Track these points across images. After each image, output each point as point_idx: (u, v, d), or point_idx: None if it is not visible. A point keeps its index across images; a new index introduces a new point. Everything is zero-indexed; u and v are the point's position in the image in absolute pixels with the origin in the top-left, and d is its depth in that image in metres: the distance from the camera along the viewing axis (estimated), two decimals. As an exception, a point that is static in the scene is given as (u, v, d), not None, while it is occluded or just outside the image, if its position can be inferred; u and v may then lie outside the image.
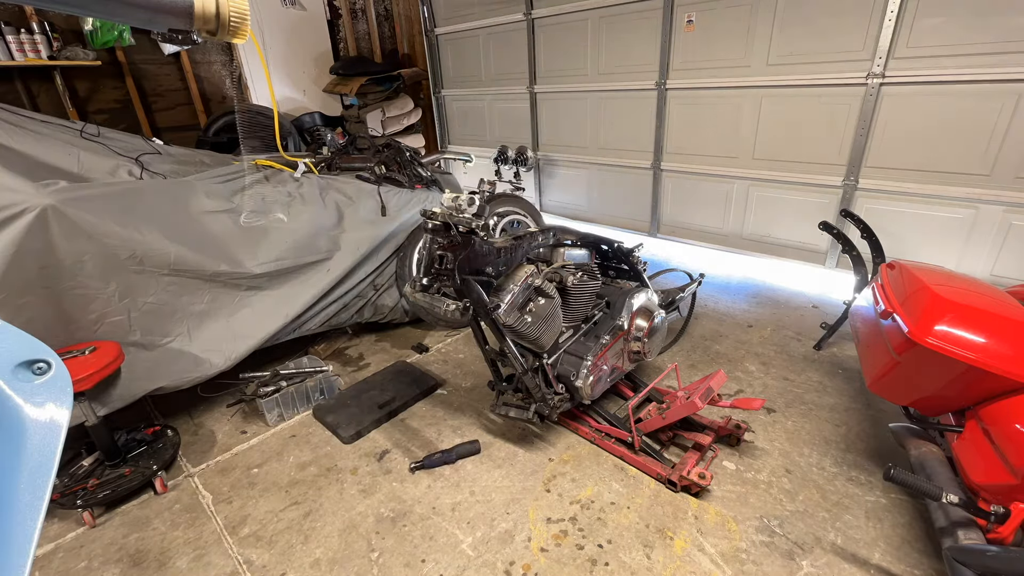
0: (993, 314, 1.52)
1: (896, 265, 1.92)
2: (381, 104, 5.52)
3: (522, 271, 1.92)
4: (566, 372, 2.09)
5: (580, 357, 2.09)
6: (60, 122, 2.88)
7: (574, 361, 2.10)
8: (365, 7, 5.81)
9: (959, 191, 2.82)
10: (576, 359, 2.10)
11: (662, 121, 3.92)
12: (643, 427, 2.12)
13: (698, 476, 1.89)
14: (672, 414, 2.03)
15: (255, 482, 2.09)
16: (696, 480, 1.87)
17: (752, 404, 2.04)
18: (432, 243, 1.83)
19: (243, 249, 2.47)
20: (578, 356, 2.10)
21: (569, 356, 2.12)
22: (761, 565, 1.64)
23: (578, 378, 2.07)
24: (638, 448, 2.08)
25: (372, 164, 3.22)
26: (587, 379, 2.07)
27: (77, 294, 2.03)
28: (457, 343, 3.10)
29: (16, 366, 0.52)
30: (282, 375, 2.53)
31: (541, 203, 5.14)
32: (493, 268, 1.89)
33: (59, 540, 1.85)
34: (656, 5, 3.65)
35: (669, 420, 2.04)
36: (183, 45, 4.45)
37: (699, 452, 2.05)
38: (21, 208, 1.88)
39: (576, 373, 2.07)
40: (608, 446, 2.14)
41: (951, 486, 1.51)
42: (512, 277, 1.91)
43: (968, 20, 2.57)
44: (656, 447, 2.12)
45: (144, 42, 4.35)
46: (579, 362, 2.08)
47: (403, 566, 1.69)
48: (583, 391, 2.08)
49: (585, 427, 2.24)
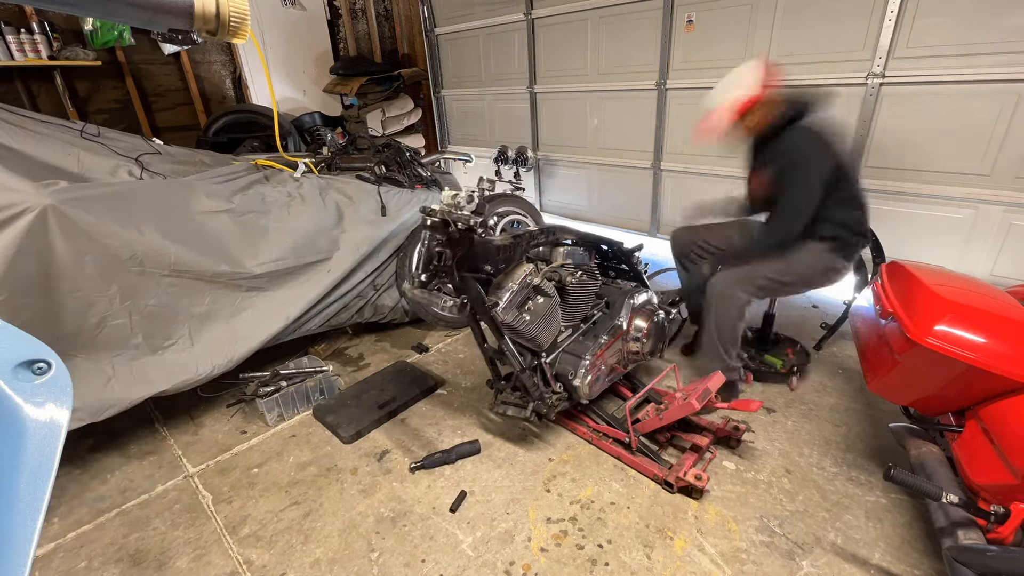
0: (993, 314, 1.52)
1: (896, 265, 1.92)
2: (381, 104, 5.52)
3: (521, 269, 1.92)
4: (564, 371, 2.09)
5: (579, 356, 2.09)
6: (60, 122, 2.87)
7: (572, 360, 2.09)
8: (365, 7, 5.81)
9: (959, 191, 2.82)
10: (575, 358, 2.09)
11: (662, 121, 3.91)
12: (640, 428, 2.11)
13: (694, 478, 1.88)
14: (669, 415, 2.02)
15: (255, 482, 2.09)
16: (692, 481, 1.86)
17: (750, 406, 2.05)
18: (431, 240, 1.82)
19: (243, 249, 2.47)
20: (576, 355, 2.10)
21: (567, 355, 2.12)
22: (761, 565, 1.64)
23: (576, 377, 2.06)
24: (635, 449, 2.08)
25: (372, 164, 3.22)
26: (585, 378, 2.06)
27: (78, 296, 2.02)
28: (457, 343, 3.10)
29: (16, 366, 0.52)
30: (282, 375, 2.53)
31: (541, 203, 5.14)
32: (492, 266, 1.89)
33: (59, 540, 1.85)
34: (656, 5, 3.65)
35: (666, 421, 2.04)
36: (183, 45, 4.46)
37: (697, 453, 2.04)
38: (21, 208, 1.88)
39: (574, 372, 2.07)
40: (605, 446, 2.14)
41: (951, 486, 1.51)
42: (511, 275, 1.91)
43: (968, 20, 2.57)
44: (654, 448, 2.12)
45: (144, 42, 4.35)
46: (577, 361, 2.08)
47: (403, 566, 1.69)
48: (581, 390, 2.08)
49: (583, 427, 2.24)
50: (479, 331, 2.08)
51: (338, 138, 4.36)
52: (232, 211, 2.49)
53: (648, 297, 2.39)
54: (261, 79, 5.08)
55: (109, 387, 2.08)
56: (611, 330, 2.19)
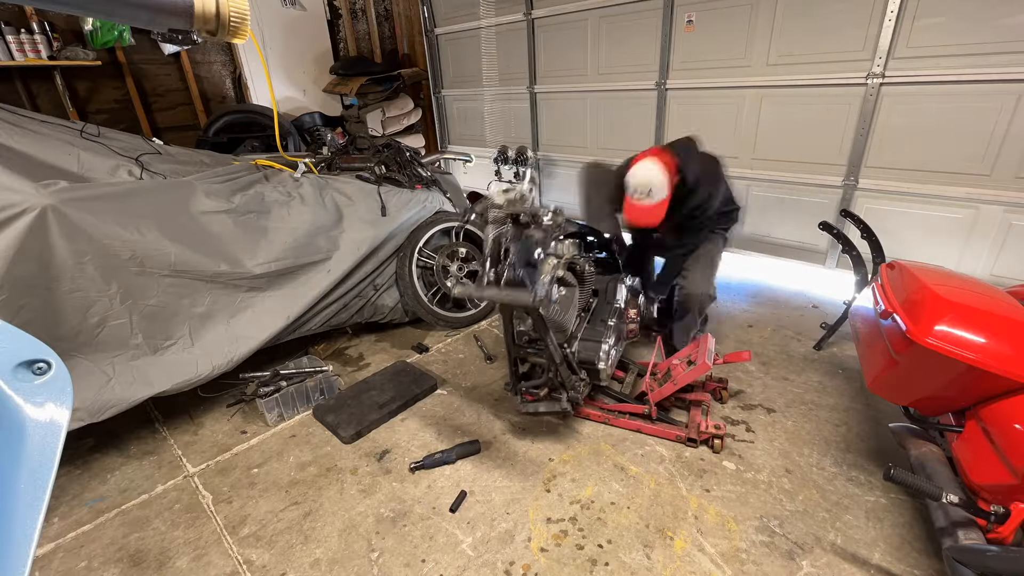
0: (993, 314, 1.52)
1: (896, 265, 1.92)
2: (381, 104, 5.52)
3: (549, 263, 1.93)
4: (588, 357, 2.21)
5: (598, 341, 2.23)
6: (60, 122, 2.88)
7: (592, 346, 2.23)
8: (365, 7, 5.81)
9: (959, 191, 2.82)
10: (595, 343, 2.23)
11: (662, 121, 3.91)
12: (655, 397, 2.22)
13: (715, 428, 2.08)
14: (684, 378, 2.17)
15: (255, 482, 2.09)
16: (714, 431, 2.06)
17: (741, 356, 2.32)
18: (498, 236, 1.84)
19: (243, 249, 2.47)
20: (595, 341, 2.24)
21: (586, 342, 2.24)
22: (761, 565, 1.64)
23: (600, 360, 2.19)
24: (655, 417, 2.21)
25: (372, 164, 3.22)
26: (608, 361, 2.22)
27: (78, 296, 2.02)
28: (457, 343, 3.10)
29: (16, 366, 0.52)
30: (282, 375, 2.53)
31: (541, 203, 5.13)
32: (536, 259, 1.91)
33: (59, 540, 1.85)
34: (656, 5, 3.65)
35: (682, 384, 2.18)
36: (183, 45, 4.46)
37: (699, 408, 2.26)
38: (21, 208, 1.88)
39: (597, 356, 2.20)
40: (623, 423, 2.26)
41: (951, 486, 1.51)
42: (540, 269, 1.92)
43: (968, 20, 2.57)
44: (663, 414, 2.28)
45: (144, 42, 4.35)
46: (597, 346, 2.22)
47: (403, 566, 1.69)
48: (604, 372, 2.21)
49: (596, 411, 2.32)
50: (512, 329, 2.09)
51: (338, 138, 4.36)
52: (232, 211, 2.50)
53: (632, 281, 2.62)
54: (261, 79, 5.08)
55: (109, 387, 2.08)
56: (613, 313, 2.34)
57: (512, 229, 1.80)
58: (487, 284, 1.82)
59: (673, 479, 2.00)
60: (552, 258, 1.97)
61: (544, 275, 1.87)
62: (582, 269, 2.26)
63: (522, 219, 1.78)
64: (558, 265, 1.97)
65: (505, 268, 1.81)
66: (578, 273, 2.27)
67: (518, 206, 1.76)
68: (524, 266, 1.77)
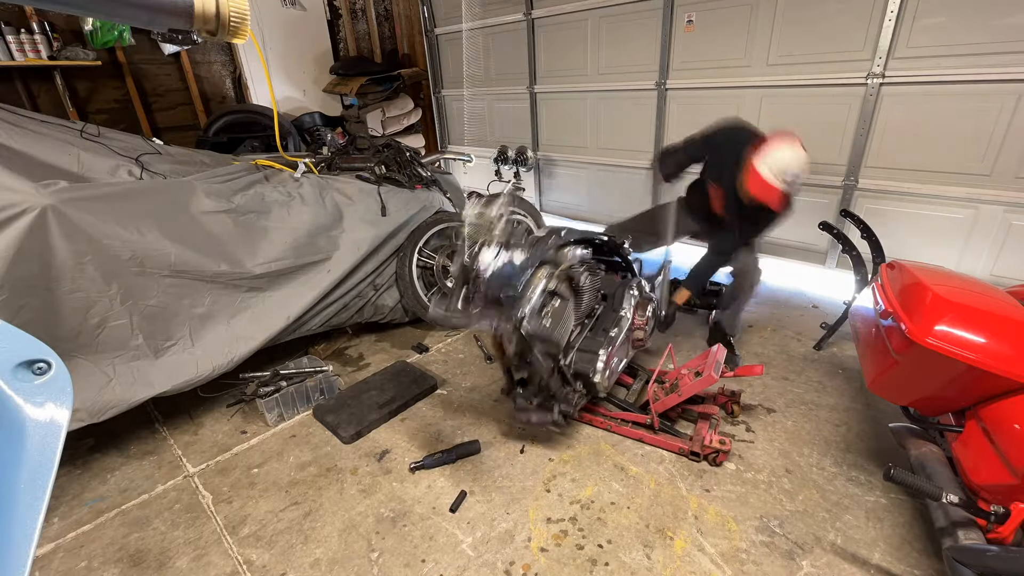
0: (993, 314, 1.52)
1: (896, 265, 1.92)
2: (381, 104, 5.52)
3: (538, 276, 1.90)
4: (584, 369, 2.14)
5: (594, 353, 2.15)
6: (60, 122, 2.87)
7: (589, 357, 2.15)
8: (365, 7, 5.81)
9: (959, 191, 2.82)
10: (591, 355, 2.15)
11: (662, 121, 3.91)
12: (658, 407, 2.18)
13: (719, 442, 2.00)
14: (689, 389, 2.10)
15: (255, 482, 2.09)
16: (718, 446, 1.99)
17: (753, 370, 2.24)
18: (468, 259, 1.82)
19: (243, 249, 2.47)
20: (592, 352, 2.16)
21: (583, 353, 2.17)
22: (761, 565, 1.64)
23: (596, 373, 2.12)
24: (657, 428, 2.16)
25: (372, 164, 3.22)
26: (604, 373, 2.14)
27: (78, 296, 2.02)
28: (457, 343, 3.10)
29: (16, 366, 0.52)
30: (282, 375, 2.53)
31: (541, 203, 5.14)
32: (515, 280, 1.88)
33: (59, 540, 1.85)
34: (656, 5, 3.65)
35: (686, 395, 2.12)
36: (183, 45, 4.46)
37: (707, 421, 2.17)
38: (21, 208, 1.87)
39: (593, 369, 2.12)
40: (625, 431, 2.22)
41: (951, 486, 1.51)
42: (529, 284, 1.89)
43: (968, 20, 2.57)
44: (667, 424, 2.22)
45: (144, 42, 4.35)
46: (594, 358, 2.14)
47: (403, 566, 1.69)
48: (601, 385, 2.14)
49: (599, 418, 2.29)
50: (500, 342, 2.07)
51: (338, 138, 4.36)
52: (232, 211, 2.49)
53: (643, 286, 2.50)
54: (261, 79, 5.08)
55: (109, 388, 2.07)
56: (617, 323, 2.27)
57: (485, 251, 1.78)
58: (455, 310, 1.82)
59: (673, 479, 2.00)
60: (545, 268, 1.94)
61: (530, 289, 1.84)
62: (578, 281, 2.16)
63: (493, 244, 1.76)
64: (552, 276, 1.93)
65: (474, 291, 1.80)
66: (574, 285, 2.16)
67: (483, 233, 1.74)
68: (499, 289, 1.75)
